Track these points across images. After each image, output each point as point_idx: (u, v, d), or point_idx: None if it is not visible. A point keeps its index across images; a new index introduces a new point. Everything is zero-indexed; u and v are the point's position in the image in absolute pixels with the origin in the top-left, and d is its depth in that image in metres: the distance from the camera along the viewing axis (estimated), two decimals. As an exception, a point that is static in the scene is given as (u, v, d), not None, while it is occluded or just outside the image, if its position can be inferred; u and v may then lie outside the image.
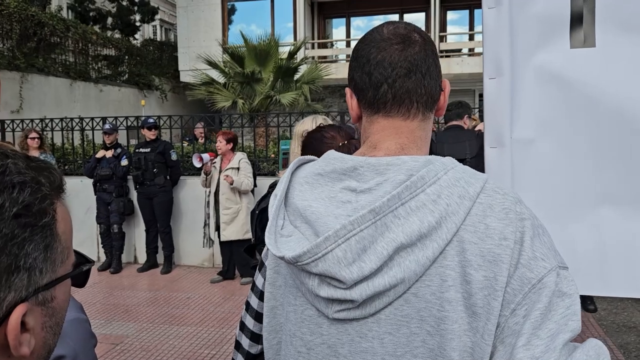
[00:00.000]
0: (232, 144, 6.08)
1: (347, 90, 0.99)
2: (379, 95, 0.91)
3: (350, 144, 1.69)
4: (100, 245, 7.00)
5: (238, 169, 5.95)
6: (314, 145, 1.68)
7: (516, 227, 0.81)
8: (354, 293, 0.81)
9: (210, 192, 6.09)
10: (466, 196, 0.82)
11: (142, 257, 7.03)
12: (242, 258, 6.09)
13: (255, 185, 6.06)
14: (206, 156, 5.93)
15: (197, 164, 5.88)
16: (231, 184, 5.81)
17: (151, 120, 6.72)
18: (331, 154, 0.95)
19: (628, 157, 1.59)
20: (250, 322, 1.33)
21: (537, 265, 0.79)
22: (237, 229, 5.95)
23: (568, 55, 1.62)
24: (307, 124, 2.26)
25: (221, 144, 5.99)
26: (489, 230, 0.80)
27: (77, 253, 0.72)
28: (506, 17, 1.62)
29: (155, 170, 6.49)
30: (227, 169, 5.95)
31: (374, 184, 0.86)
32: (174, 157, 6.61)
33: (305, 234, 0.88)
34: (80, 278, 0.73)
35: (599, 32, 1.59)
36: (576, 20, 1.60)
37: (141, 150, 6.57)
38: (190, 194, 6.92)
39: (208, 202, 6.15)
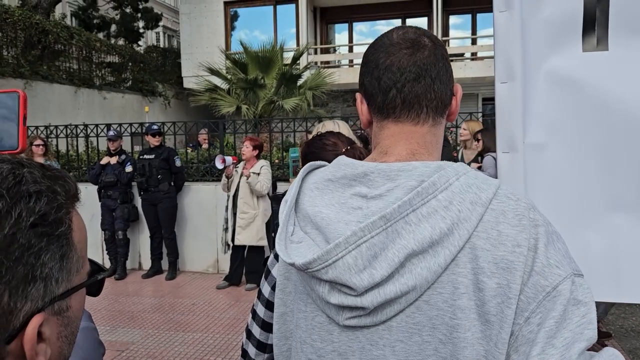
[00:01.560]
0: (257, 151, 6.06)
1: (358, 96, 0.98)
2: (388, 100, 0.90)
3: (355, 149, 1.67)
4: (105, 252, 7.00)
5: (258, 174, 5.93)
6: (317, 154, 1.66)
7: (530, 234, 0.79)
8: (364, 300, 0.80)
9: (229, 195, 6.08)
10: (478, 202, 0.81)
11: (147, 264, 7.03)
12: (251, 264, 6.07)
13: (274, 192, 6.03)
14: (229, 159, 5.92)
15: (220, 166, 5.83)
16: (247, 177, 5.78)
17: (155, 127, 6.73)
18: (342, 159, 0.94)
19: None
20: (256, 331, 1.32)
21: (551, 273, 0.78)
22: (252, 234, 5.92)
23: (581, 59, 1.59)
24: (328, 128, 2.22)
25: (247, 149, 5.97)
26: (502, 237, 0.79)
27: (91, 262, 0.71)
28: (517, 21, 1.60)
29: (159, 176, 6.49)
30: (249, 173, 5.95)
31: (385, 190, 0.85)
32: (178, 163, 6.61)
33: (315, 240, 0.87)
34: (94, 287, 0.73)
35: (612, 36, 1.56)
36: (589, 23, 1.57)
37: (145, 156, 6.58)
38: (195, 200, 6.93)
39: (227, 207, 6.13)
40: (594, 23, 1.57)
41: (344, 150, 1.65)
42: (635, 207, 1.58)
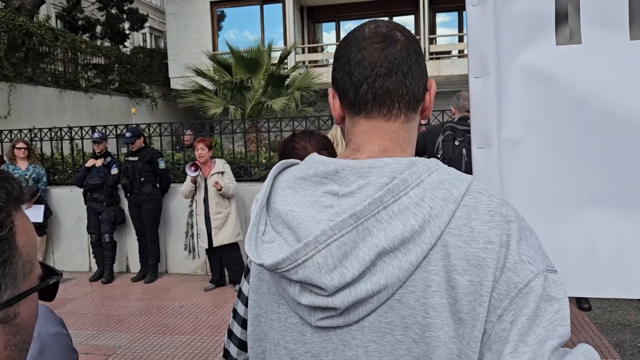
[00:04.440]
0: (211, 151, 6.14)
1: (330, 91, 0.96)
2: (359, 95, 0.89)
3: (321, 155, 1.73)
4: (92, 256, 6.94)
5: (223, 172, 5.98)
6: (287, 155, 1.71)
7: (502, 230, 0.78)
8: (335, 300, 0.79)
9: (196, 200, 6.04)
10: (450, 198, 0.79)
11: (134, 267, 6.97)
12: (232, 263, 6.05)
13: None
14: (198, 164, 5.92)
15: (193, 173, 5.80)
16: (220, 190, 5.81)
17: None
18: (313, 157, 0.93)
19: (615, 156, 1.57)
20: (237, 330, 1.32)
21: (523, 269, 0.77)
22: (229, 232, 5.94)
23: (554, 52, 1.59)
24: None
25: (204, 151, 5.98)
26: (474, 234, 0.78)
27: (43, 265, 0.69)
28: (490, 15, 1.59)
29: (142, 179, 6.43)
30: (212, 174, 5.95)
31: (356, 187, 0.83)
32: (161, 165, 6.54)
33: (287, 240, 0.85)
34: (48, 291, 0.70)
35: (585, 29, 1.56)
36: (561, 17, 1.57)
37: (130, 158, 6.53)
38: (182, 201, 6.86)
39: (191, 212, 6.09)
40: (567, 17, 1.57)
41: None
42: (610, 202, 1.58)
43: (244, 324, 1.26)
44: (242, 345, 1.30)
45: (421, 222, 0.77)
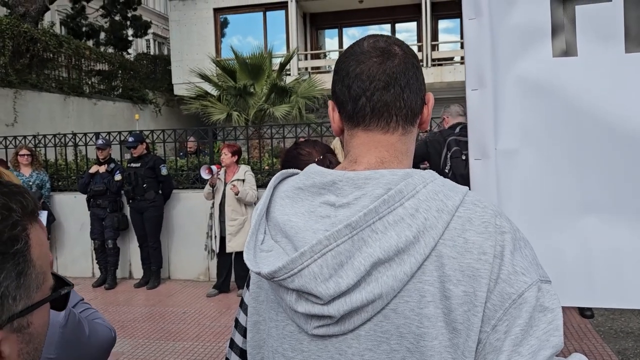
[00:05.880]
0: (237, 157, 6.11)
1: (330, 103, 0.98)
2: (357, 108, 0.90)
3: (326, 158, 1.71)
4: (95, 261, 6.96)
5: (244, 180, 5.97)
6: (291, 163, 1.71)
7: (496, 241, 0.79)
8: (331, 309, 0.80)
9: (214, 203, 6.07)
10: (445, 210, 0.81)
11: (137, 273, 6.99)
12: (241, 269, 6.06)
13: (257, 198, 6.06)
14: (214, 168, 5.94)
15: (206, 176, 5.83)
16: (237, 194, 5.82)
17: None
18: (312, 167, 0.94)
19: (611, 165, 1.58)
20: (239, 339, 1.32)
21: (517, 280, 0.78)
22: (243, 240, 5.92)
23: (550, 64, 1.61)
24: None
25: (226, 156, 6.00)
26: (468, 245, 0.79)
27: (55, 276, 0.71)
28: (487, 28, 1.61)
29: (145, 185, 6.45)
30: (233, 180, 5.95)
31: (353, 198, 0.85)
32: (164, 171, 6.56)
33: (285, 249, 0.87)
34: (59, 302, 0.72)
35: (581, 41, 1.58)
36: (558, 30, 1.59)
37: (132, 165, 6.55)
38: (185, 207, 6.90)
39: (211, 214, 6.12)
40: (563, 29, 1.58)
41: (316, 160, 1.69)
42: (606, 210, 1.59)
43: (245, 333, 1.28)
44: (244, 355, 1.31)
45: (416, 233, 0.79)
